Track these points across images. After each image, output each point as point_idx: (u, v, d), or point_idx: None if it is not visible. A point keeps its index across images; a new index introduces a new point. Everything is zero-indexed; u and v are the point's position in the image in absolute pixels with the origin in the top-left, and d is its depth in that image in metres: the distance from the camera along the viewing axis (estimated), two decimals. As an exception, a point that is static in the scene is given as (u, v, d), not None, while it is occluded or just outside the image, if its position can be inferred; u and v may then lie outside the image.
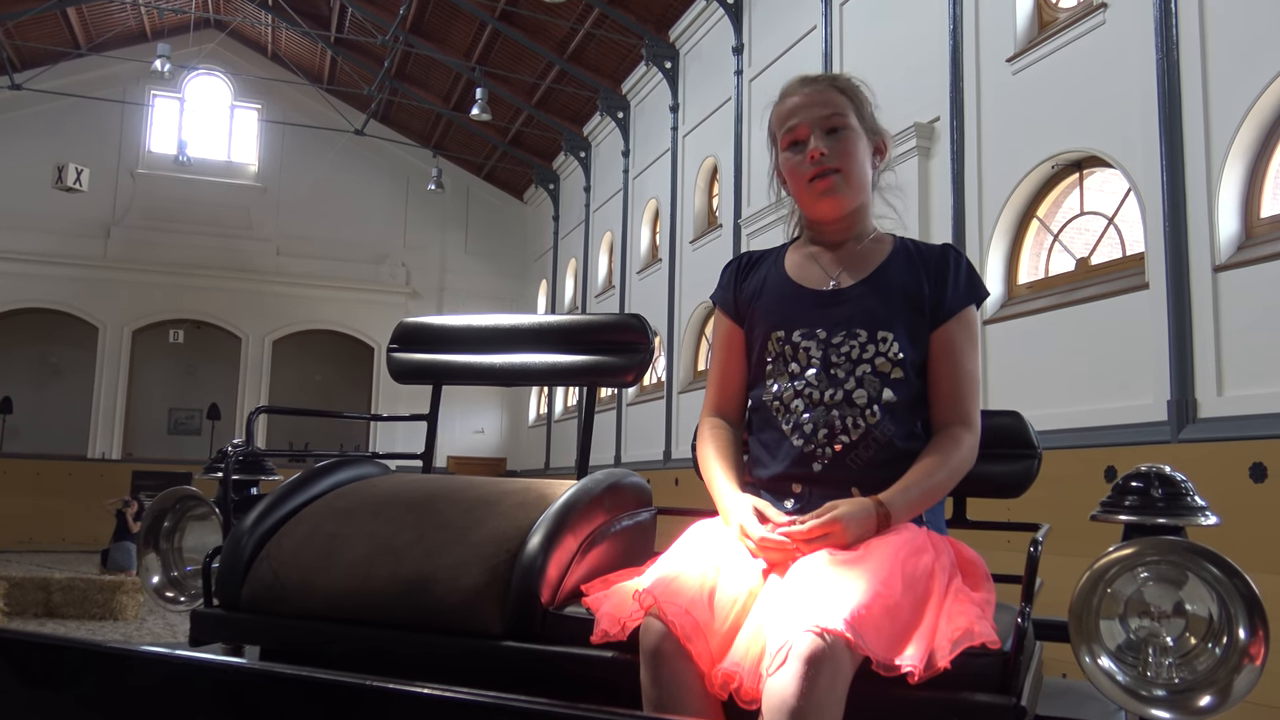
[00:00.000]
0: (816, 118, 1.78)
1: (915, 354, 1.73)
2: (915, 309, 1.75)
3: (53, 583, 10.19)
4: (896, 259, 1.80)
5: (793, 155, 1.80)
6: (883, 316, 1.74)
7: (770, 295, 1.83)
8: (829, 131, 1.78)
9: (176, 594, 2.10)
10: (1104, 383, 7.55)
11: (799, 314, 1.78)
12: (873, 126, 1.85)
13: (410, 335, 2.38)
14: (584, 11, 15.87)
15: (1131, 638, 1.41)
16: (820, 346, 1.74)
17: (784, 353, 1.77)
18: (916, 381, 1.74)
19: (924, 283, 1.77)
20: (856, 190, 1.80)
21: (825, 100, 1.80)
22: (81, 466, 19.72)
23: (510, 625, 1.62)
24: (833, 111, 1.79)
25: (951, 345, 1.75)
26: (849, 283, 1.78)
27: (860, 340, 1.72)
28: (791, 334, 1.77)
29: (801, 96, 1.81)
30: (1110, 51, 7.76)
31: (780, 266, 1.86)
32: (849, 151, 1.78)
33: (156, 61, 16.94)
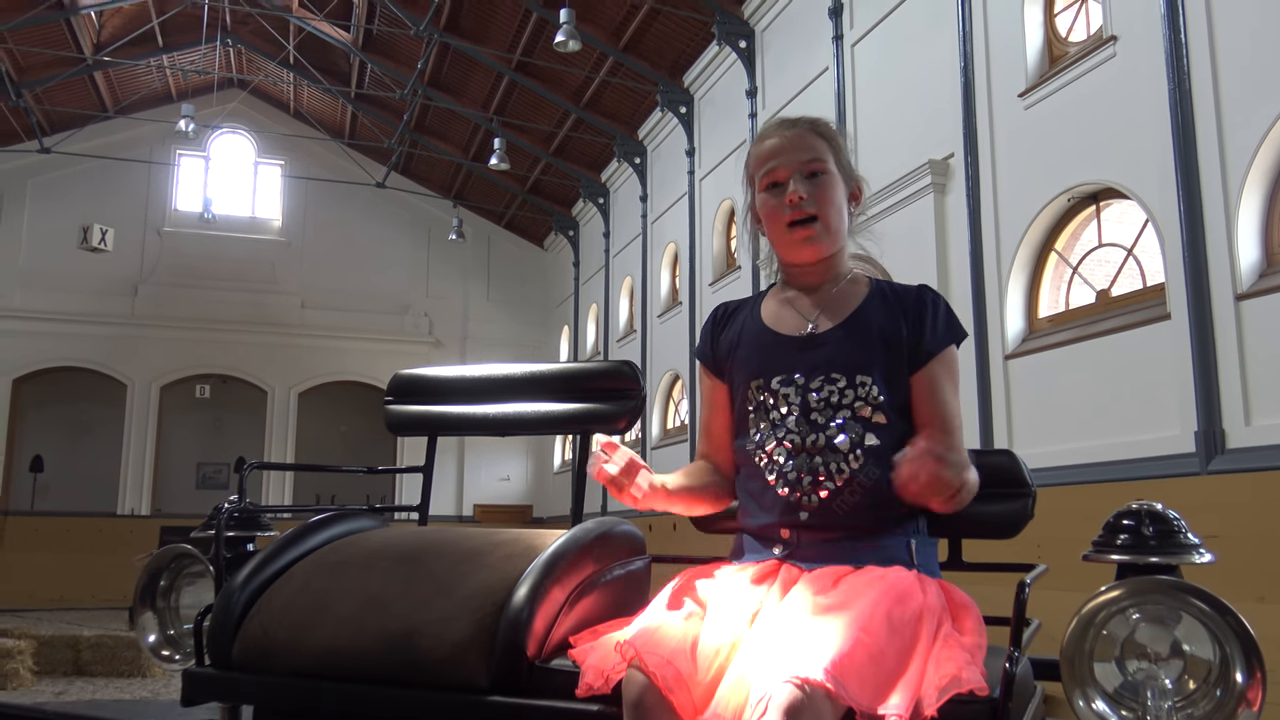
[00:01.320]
0: (796, 161, 1.78)
1: (895, 396, 1.71)
2: (893, 351, 1.73)
3: (82, 640, 10.21)
4: (873, 301, 1.79)
5: (770, 198, 1.79)
6: (861, 360, 1.72)
7: (748, 344, 1.82)
8: (808, 176, 1.77)
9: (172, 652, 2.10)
10: (1129, 415, 7.45)
11: (776, 361, 1.76)
12: (849, 172, 1.84)
13: (405, 387, 2.39)
14: (599, 60, 16.06)
15: (1129, 680, 1.37)
16: (799, 392, 1.72)
17: (764, 401, 1.75)
18: (900, 424, 1.71)
19: (901, 325, 1.75)
20: (834, 236, 1.79)
21: (805, 144, 1.79)
22: (111, 523, 19.84)
23: (496, 679, 1.60)
24: (812, 156, 1.78)
25: (935, 385, 1.73)
26: (826, 326, 1.77)
27: (839, 385, 1.70)
28: (770, 381, 1.75)
29: (781, 139, 1.81)
30: (1122, 83, 7.75)
31: (756, 315, 1.85)
32: (827, 197, 1.77)
33: (181, 122, 17.28)
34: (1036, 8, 8.90)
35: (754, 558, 1.70)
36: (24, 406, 20.61)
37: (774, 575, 1.62)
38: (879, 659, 1.36)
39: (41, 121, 19.54)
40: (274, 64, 20.01)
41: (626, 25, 15.07)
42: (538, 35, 15.83)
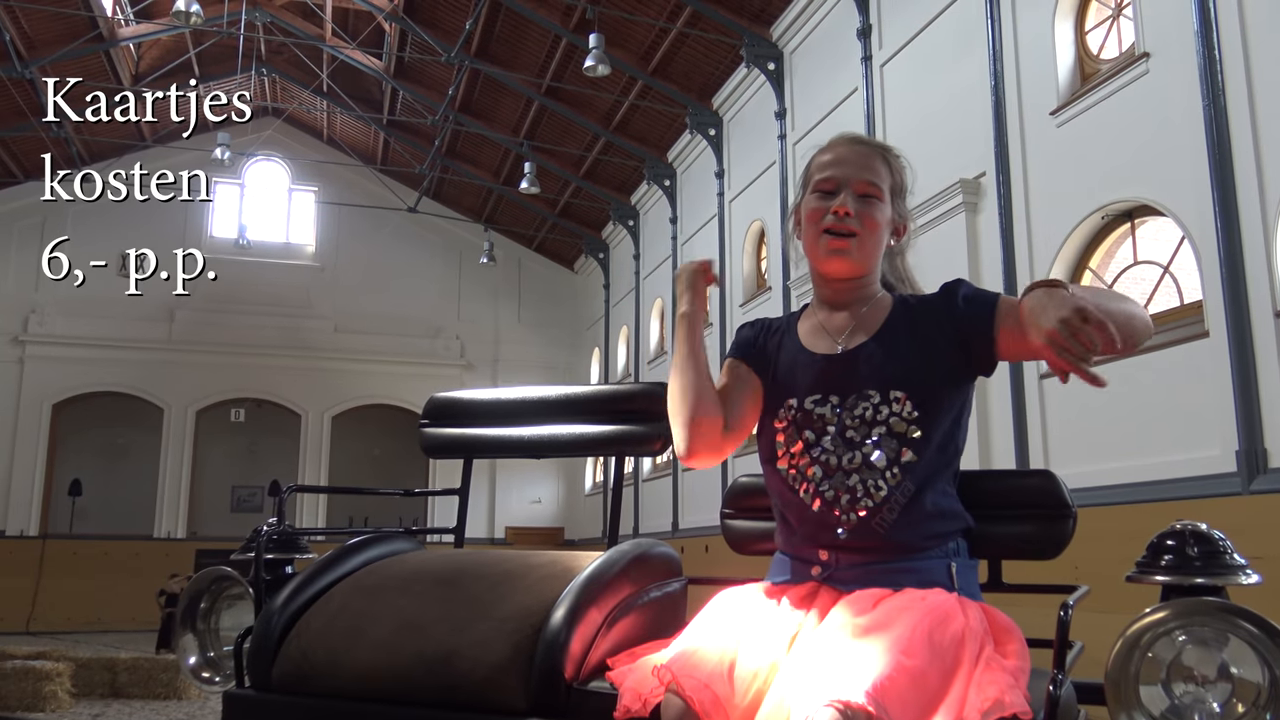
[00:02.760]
0: (855, 178, 1.77)
1: (930, 409, 1.69)
2: (929, 354, 1.71)
3: (118, 663, 10.30)
4: (898, 314, 1.78)
5: (818, 200, 1.78)
6: (893, 375, 1.70)
7: (785, 364, 1.81)
8: (860, 195, 1.76)
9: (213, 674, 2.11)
10: (1167, 434, 7.36)
11: (810, 380, 1.75)
12: (901, 209, 1.83)
13: (440, 410, 2.40)
14: (628, 84, 16.16)
15: (1176, 703, 1.35)
16: (834, 411, 1.71)
17: (797, 420, 1.74)
18: (936, 438, 1.69)
19: (933, 321, 1.73)
20: (866, 258, 1.78)
21: (868, 165, 1.78)
22: (148, 546, 20.04)
23: (534, 702, 1.59)
24: (871, 178, 1.77)
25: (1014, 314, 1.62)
26: (856, 344, 1.76)
27: (874, 401, 1.69)
28: (804, 401, 1.74)
29: (848, 151, 1.80)
30: (1155, 100, 7.70)
31: (794, 334, 1.84)
32: (873, 221, 1.76)
33: (217, 150, 17.55)
34: (1067, 25, 8.87)
35: (791, 579, 1.69)
36: (63, 431, 20.91)
37: (812, 598, 1.61)
38: (920, 682, 1.34)
39: (81, 151, 19.89)
40: (308, 92, 20.29)
41: (655, 49, 15.17)
42: (567, 60, 15.96)
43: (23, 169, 20.01)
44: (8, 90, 17.07)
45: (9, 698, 8.93)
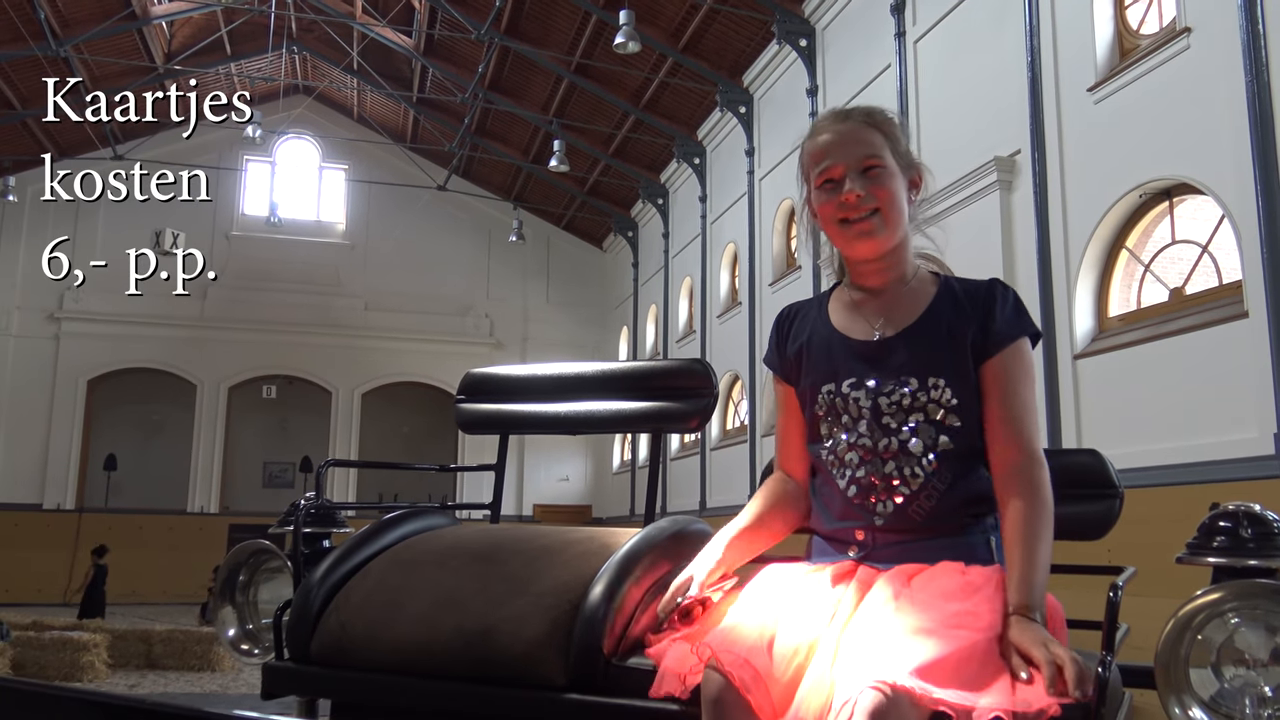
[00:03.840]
0: (851, 157, 1.72)
1: (969, 397, 1.66)
2: (963, 350, 1.68)
3: (153, 635, 10.47)
4: (941, 301, 1.73)
5: (826, 195, 1.74)
6: (932, 363, 1.67)
7: (817, 349, 1.78)
8: (864, 171, 1.72)
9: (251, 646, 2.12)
10: (1204, 416, 7.26)
11: (847, 366, 1.73)
12: (908, 161, 1.77)
13: (477, 386, 2.39)
14: (658, 61, 16.07)
15: (1226, 687, 1.32)
16: (870, 396, 1.69)
17: (834, 405, 1.72)
18: (974, 426, 1.67)
19: (970, 320, 1.70)
20: (894, 229, 1.74)
21: (859, 139, 1.73)
22: (181, 520, 20.32)
23: (573, 677, 1.59)
24: (868, 151, 1.72)
25: (1003, 377, 1.66)
26: (895, 330, 1.72)
27: (912, 388, 1.66)
28: (840, 386, 1.72)
29: (834, 134, 1.75)
30: (1196, 76, 7.56)
31: (825, 318, 1.81)
32: (885, 191, 1.71)
33: (249, 128, 17.62)
34: (1106, 0, 8.72)
35: (829, 558, 1.68)
36: (98, 407, 21.20)
37: (850, 575, 1.60)
38: (967, 661, 1.33)
39: (115, 129, 20.05)
40: (338, 70, 20.33)
41: (686, 26, 15.06)
42: (597, 37, 15.88)
43: (58, 147, 20.20)
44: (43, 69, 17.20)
45: (47, 667, 9.11)
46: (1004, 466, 1.64)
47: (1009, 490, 1.61)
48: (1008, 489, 1.61)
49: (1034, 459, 1.63)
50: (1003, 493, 1.62)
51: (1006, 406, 1.65)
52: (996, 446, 1.66)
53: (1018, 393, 1.66)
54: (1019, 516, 1.57)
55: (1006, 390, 1.66)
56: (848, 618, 1.49)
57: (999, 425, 1.65)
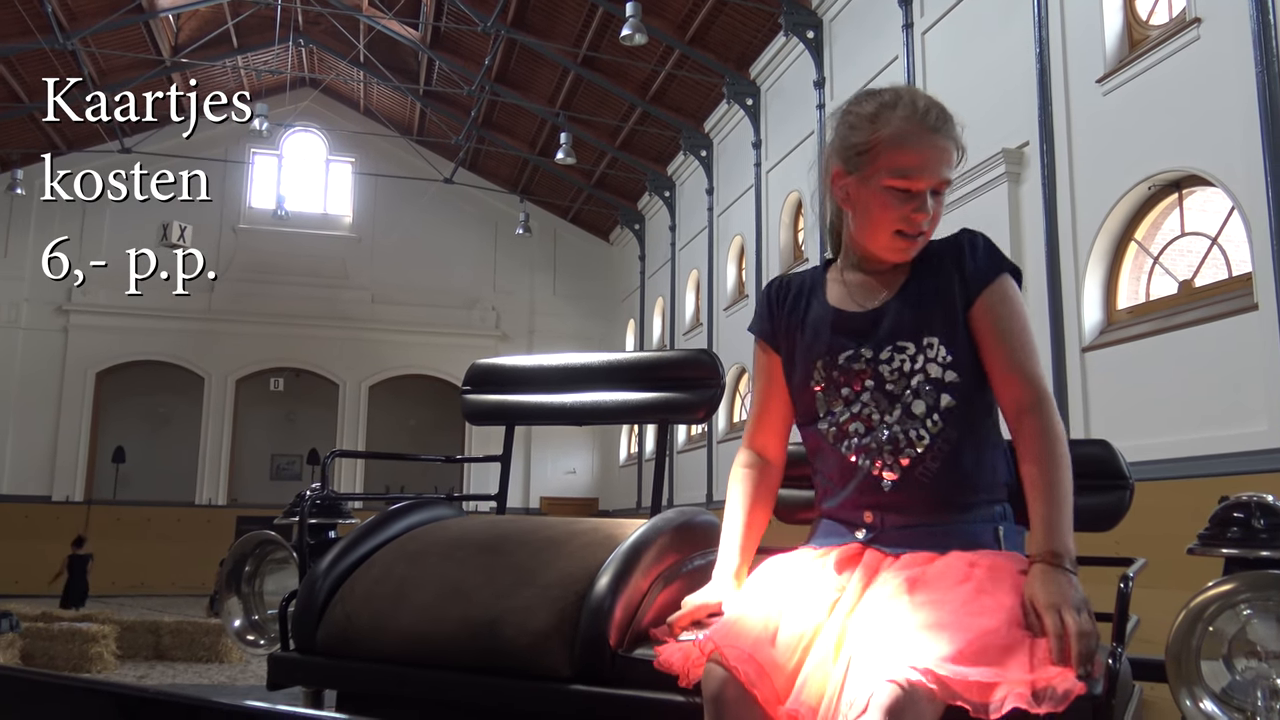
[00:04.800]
0: (938, 178, 1.67)
1: (962, 352, 1.65)
2: (949, 305, 1.68)
3: (162, 626, 10.51)
4: (920, 263, 1.73)
5: (893, 199, 1.67)
6: (922, 322, 1.67)
7: (813, 324, 1.76)
8: (935, 192, 1.69)
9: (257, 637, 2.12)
10: (1213, 409, 7.23)
11: (842, 339, 1.72)
12: None
13: (482, 377, 2.39)
14: (664, 53, 16.03)
15: (1238, 679, 1.31)
16: (870, 364, 1.68)
17: (833, 379, 1.71)
18: (973, 379, 1.66)
19: (948, 273, 1.69)
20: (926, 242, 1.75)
21: (948, 161, 1.68)
22: (189, 512, 20.38)
23: (579, 668, 1.59)
24: (949, 175, 1.68)
25: (991, 316, 1.65)
26: (883, 299, 1.72)
27: (909, 352, 1.66)
28: (838, 359, 1.71)
29: (933, 148, 1.66)
30: (1206, 67, 7.52)
31: (821, 295, 1.79)
32: (939, 213, 1.71)
33: (256, 120, 17.61)
34: (1116, -9, 8.67)
35: (834, 541, 1.66)
36: (106, 399, 21.25)
37: (856, 560, 1.59)
38: (982, 654, 1.31)
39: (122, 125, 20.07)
40: (345, 63, 20.31)
41: (692, 18, 15.02)
42: (604, 29, 15.84)
43: (65, 140, 20.24)
44: (50, 62, 17.23)
45: (57, 658, 9.14)
46: (1012, 406, 1.64)
47: (1022, 431, 1.61)
48: (1021, 430, 1.62)
49: (1040, 394, 1.62)
50: (1016, 435, 1.62)
51: (1002, 344, 1.64)
52: (1002, 388, 1.65)
53: (1010, 329, 1.65)
54: (1035, 455, 1.57)
55: (998, 329, 1.65)
56: (852, 604, 1.48)
57: (999, 365, 1.64)
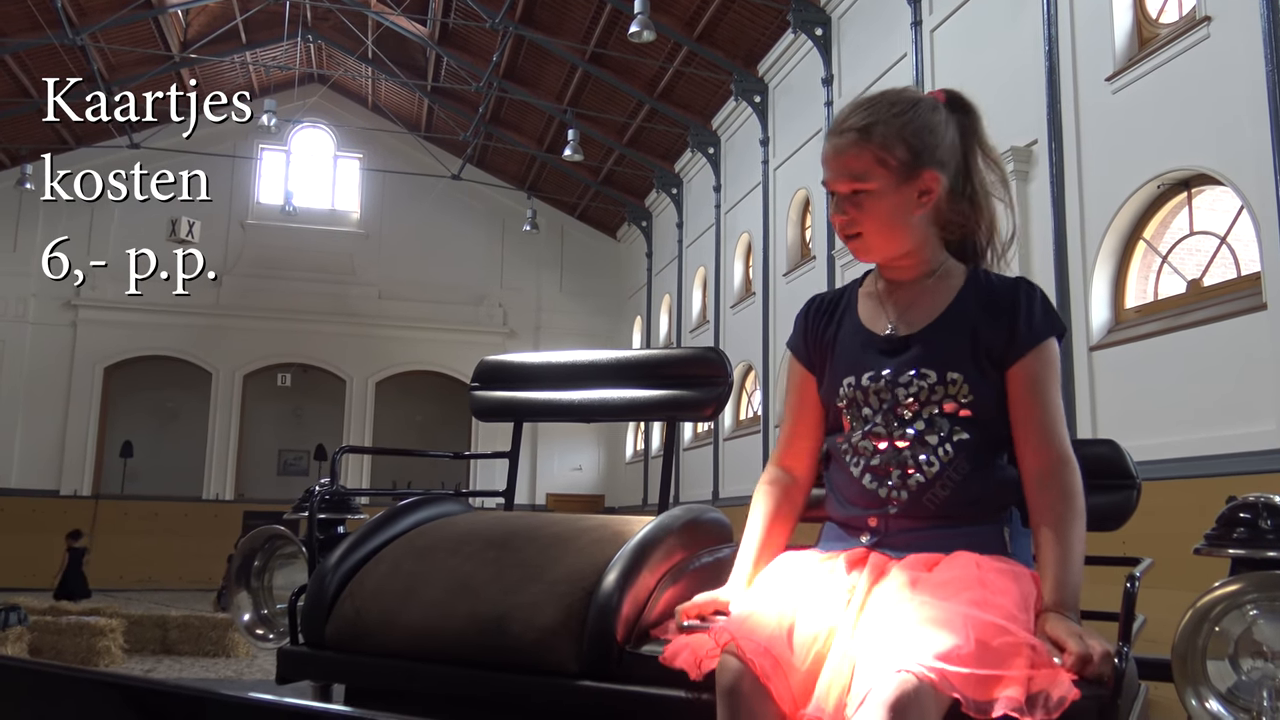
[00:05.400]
0: (839, 180, 1.69)
1: (987, 394, 1.65)
2: (985, 348, 1.67)
3: (169, 620, 10.55)
4: (966, 295, 1.72)
5: (831, 203, 1.75)
6: (952, 358, 1.66)
7: (844, 342, 1.78)
8: (849, 194, 1.69)
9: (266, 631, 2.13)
10: (1221, 409, 7.22)
11: (868, 359, 1.72)
12: (912, 167, 1.69)
13: (491, 373, 2.39)
14: (673, 50, 16.02)
15: (1244, 679, 1.32)
16: (888, 387, 1.68)
17: (855, 398, 1.72)
18: (992, 423, 1.66)
19: (995, 321, 1.68)
20: (885, 245, 1.72)
21: (847, 162, 1.68)
22: (197, 507, 20.44)
23: (586, 664, 1.59)
24: (853, 174, 1.68)
25: (1032, 381, 1.65)
26: (919, 325, 1.71)
27: (929, 382, 1.66)
28: (861, 378, 1.72)
29: (830, 150, 1.71)
30: (1216, 66, 7.50)
31: (853, 311, 1.80)
32: (869, 217, 1.69)
33: (264, 116, 17.64)
34: (1125, -11, 8.65)
35: (841, 545, 1.68)
36: (114, 394, 21.32)
37: (863, 562, 1.60)
38: (985, 651, 1.32)
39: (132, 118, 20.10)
40: (353, 59, 20.33)
41: (701, 14, 15.01)
42: (612, 26, 15.84)
43: (74, 135, 20.29)
44: (59, 57, 17.28)
45: (64, 652, 9.17)
46: (1035, 469, 1.63)
47: (1042, 494, 1.60)
48: (1041, 492, 1.61)
49: (1065, 461, 1.62)
50: (1035, 495, 1.62)
51: (1036, 409, 1.64)
52: (1027, 450, 1.64)
53: (1046, 394, 1.65)
54: (1053, 519, 1.57)
55: (1035, 392, 1.64)
56: (861, 604, 1.49)
57: (1029, 428, 1.64)
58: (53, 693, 1.25)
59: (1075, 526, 1.57)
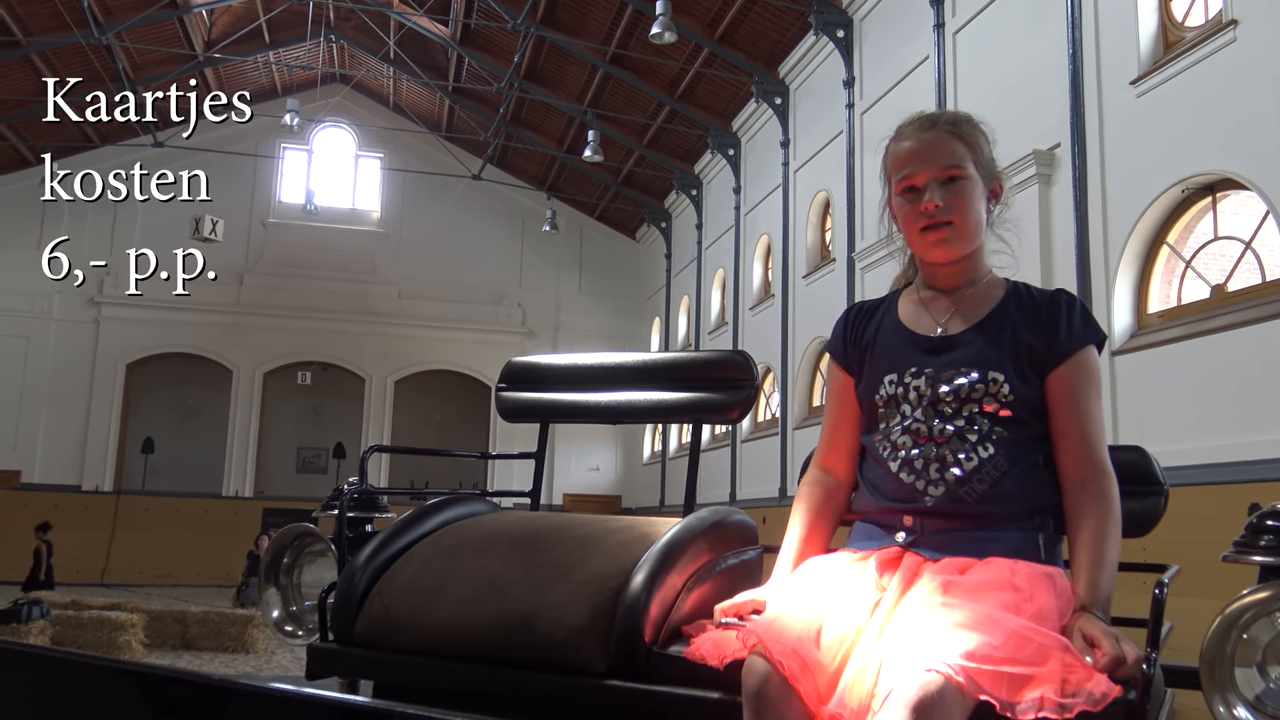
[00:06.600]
0: (935, 166, 1.74)
1: (1028, 396, 1.68)
2: (1026, 353, 1.70)
3: (189, 616, 10.62)
4: (1009, 304, 1.76)
5: (907, 202, 1.76)
6: (994, 358, 1.70)
7: (884, 342, 1.81)
8: (945, 182, 1.74)
9: (295, 628, 2.16)
10: (1245, 415, 7.17)
11: (910, 357, 1.76)
12: (990, 170, 1.79)
13: (518, 374, 2.41)
14: (693, 51, 16.03)
15: (1271, 687, 1.32)
16: (930, 384, 1.71)
17: (895, 395, 1.75)
18: (1032, 424, 1.68)
19: (1035, 328, 1.72)
20: (969, 239, 1.77)
21: (944, 150, 1.75)
22: (217, 504, 20.58)
23: (614, 664, 1.61)
24: (950, 162, 1.74)
25: (1071, 389, 1.68)
26: (961, 328, 1.75)
27: (971, 379, 1.68)
28: (903, 375, 1.75)
29: (919, 143, 1.76)
30: (1242, 69, 7.45)
31: (894, 314, 1.83)
32: (964, 203, 1.74)
33: (286, 116, 17.76)
34: (1150, -8, 8.60)
35: (874, 544, 1.68)
36: (136, 390, 21.49)
37: (896, 563, 1.60)
38: (1014, 653, 1.33)
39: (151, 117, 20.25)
40: (375, 59, 20.44)
41: (722, 16, 15.01)
42: (633, 27, 15.86)
43: (99, 133, 20.46)
44: (85, 56, 17.43)
45: (85, 645, 9.25)
46: (1074, 479, 1.66)
47: (1079, 502, 1.64)
48: (1078, 501, 1.64)
49: (1103, 471, 1.65)
50: (1072, 503, 1.65)
51: (1075, 417, 1.67)
52: (1066, 458, 1.68)
53: (1085, 402, 1.69)
54: (1090, 523, 1.60)
55: (1074, 401, 1.68)
56: (892, 606, 1.50)
57: (1068, 437, 1.67)
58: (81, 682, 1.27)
59: (1112, 532, 1.60)
